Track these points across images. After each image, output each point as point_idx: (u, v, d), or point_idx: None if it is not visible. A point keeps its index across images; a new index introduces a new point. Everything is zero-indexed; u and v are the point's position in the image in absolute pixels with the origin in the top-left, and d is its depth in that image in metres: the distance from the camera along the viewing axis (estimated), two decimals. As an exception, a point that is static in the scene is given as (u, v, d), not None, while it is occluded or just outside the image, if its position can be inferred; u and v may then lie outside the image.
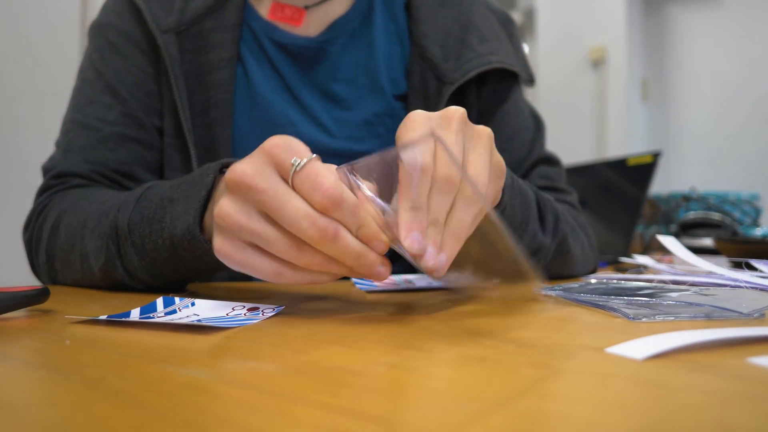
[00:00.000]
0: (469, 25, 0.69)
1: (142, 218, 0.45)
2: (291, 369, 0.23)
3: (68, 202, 0.55)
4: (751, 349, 0.25)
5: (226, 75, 0.63)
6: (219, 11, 0.64)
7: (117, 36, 0.64)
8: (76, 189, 0.58)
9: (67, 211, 0.53)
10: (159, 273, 0.46)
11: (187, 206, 0.42)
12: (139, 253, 0.45)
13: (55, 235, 0.53)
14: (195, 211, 0.41)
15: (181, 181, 0.44)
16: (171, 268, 0.45)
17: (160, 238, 0.43)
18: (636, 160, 1.11)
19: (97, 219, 0.49)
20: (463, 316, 0.36)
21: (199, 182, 0.42)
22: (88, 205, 0.52)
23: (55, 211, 0.55)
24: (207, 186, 0.41)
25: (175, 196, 0.43)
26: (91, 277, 0.50)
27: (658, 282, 0.49)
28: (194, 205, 0.41)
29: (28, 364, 0.25)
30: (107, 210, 0.48)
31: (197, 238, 0.41)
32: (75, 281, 0.52)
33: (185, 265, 0.44)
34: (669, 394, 0.20)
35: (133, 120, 0.62)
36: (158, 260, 0.44)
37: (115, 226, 0.46)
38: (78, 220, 0.51)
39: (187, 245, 0.42)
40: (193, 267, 0.44)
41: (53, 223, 0.54)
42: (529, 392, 0.20)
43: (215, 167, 0.42)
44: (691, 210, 1.35)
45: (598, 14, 2.71)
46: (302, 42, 0.67)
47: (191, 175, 0.44)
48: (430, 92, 0.66)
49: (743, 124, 2.65)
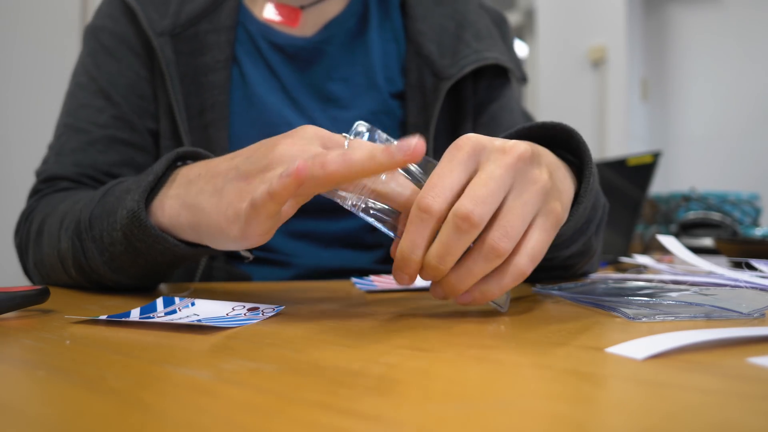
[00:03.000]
0: (465, 22, 0.69)
1: (102, 212, 0.43)
2: (291, 369, 0.23)
3: (51, 206, 0.54)
4: (751, 349, 0.25)
5: (222, 77, 0.63)
6: (214, 13, 0.64)
7: (111, 39, 0.64)
8: (61, 192, 0.58)
9: (49, 214, 0.53)
10: (119, 268, 0.44)
11: (135, 194, 0.40)
12: (99, 248, 0.44)
13: (40, 238, 0.53)
14: (139, 196, 0.39)
15: (144, 173, 0.43)
16: (129, 262, 0.43)
17: (114, 230, 0.42)
18: (636, 160, 1.10)
19: (70, 219, 0.48)
20: (462, 315, 0.36)
21: (151, 170, 0.41)
22: (64, 206, 0.51)
23: (39, 215, 0.55)
24: (156, 173, 0.40)
25: (131, 187, 0.42)
26: (71, 276, 0.49)
27: (658, 282, 0.49)
28: (140, 191, 0.40)
29: (27, 364, 0.25)
30: (77, 208, 0.48)
31: (144, 222, 0.39)
32: (64, 283, 0.52)
33: (143, 257, 0.42)
34: (669, 394, 0.20)
35: (125, 123, 0.62)
36: (116, 254, 0.43)
37: (78, 221, 0.45)
38: (56, 222, 0.50)
39: (137, 232, 0.40)
40: (151, 259, 0.42)
41: (38, 227, 0.54)
42: (529, 392, 0.20)
43: (171, 156, 0.42)
44: (691, 210, 1.35)
45: (598, 14, 2.71)
46: (298, 42, 0.67)
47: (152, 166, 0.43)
48: (428, 88, 0.66)
49: (743, 124, 2.65)
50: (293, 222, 0.66)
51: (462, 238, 0.31)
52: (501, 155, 0.32)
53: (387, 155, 0.29)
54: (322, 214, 0.66)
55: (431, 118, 0.65)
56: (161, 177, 0.41)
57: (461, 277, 0.32)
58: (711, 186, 1.88)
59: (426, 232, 0.31)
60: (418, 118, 0.67)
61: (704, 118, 2.78)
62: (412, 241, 0.32)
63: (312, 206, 0.68)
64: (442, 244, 0.31)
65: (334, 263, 0.67)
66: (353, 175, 0.30)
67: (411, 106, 0.67)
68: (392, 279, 0.54)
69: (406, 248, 0.32)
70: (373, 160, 0.29)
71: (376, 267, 0.69)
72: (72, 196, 0.54)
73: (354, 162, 0.30)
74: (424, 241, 0.32)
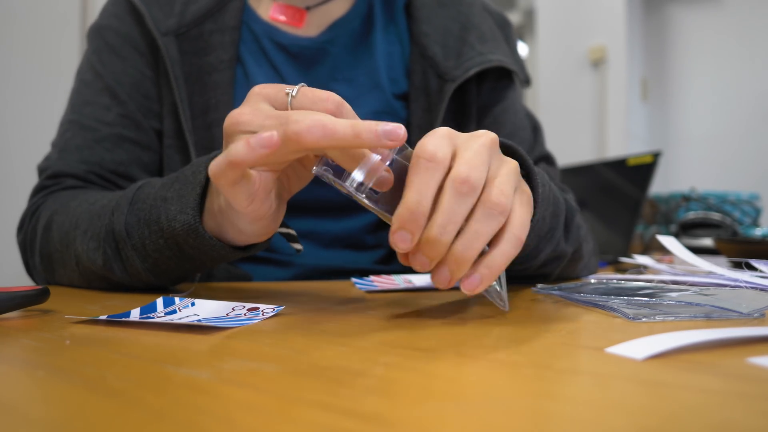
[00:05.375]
0: (469, 24, 0.69)
1: (138, 221, 0.44)
2: (291, 369, 0.23)
3: (60, 203, 0.55)
4: (751, 349, 0.25)
5: (226, 76, 0.63)
6: (219, 13, 0.64)
7: (116, 38, 0.65)
8: (70, 190, 0.58)
9: (58, 212, 0.53)
10: (162, 272, 0.46)
11: (182, 205, 0.42)
12: (141, 255, 0.45)
13: (48, 235, 0.53)
14: (193, 210, 0.41)
15: (173, 180, 0.44)
16: (175, 265, 0.45)
17: (161, 238, 0.43)
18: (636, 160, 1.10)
19: (89, 220, 0.49)
20: (462, 315, 0.36)
21: (192, 180, 0.42)
22: (78, 205, 0.52)
23: (47, 211, 0.55)
24: (201, 183, 0.41)
25: (168, 195, 0.43)
26: (87, 277, 0.50)
27: (658, 282, 0.49)
28: (190, 203, 0.41)
29: (28, 364, 0.25)
30: (99, 211, 0.48)
31: (202, 235, 0.41)
32: (71, 281, 0.52)
33: (191, 261, 0.44)
34: (669, 394, 0.20)
35: (131, 121, 0.63)
36: (161, 260, 0.44)
37: (112, 230, 0.46)
38: (69, 221, 0.51)
39: (192, 242, 0.42)
40: (199, 262, 0.44)
41: (45, 224, 0.54)
42: (529, 392, 0.20)
43: (205, 161, 0.42)
44: (691, 210, 1.35)
45: (598, 14, 2.71)
46: (303, 42, 0.67)
47: (183, 173, 0.44)
48: (432, 90, 0.66)
49: (743, 124, 2.65)
50: (293, 222, 0.66)
51: (463, 203, 0.31)
52: (475, 138, 0.33)
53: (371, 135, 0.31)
54: (323, 214, 0.66)
55: (435, 119, 0.65)
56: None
57: (469, 242, 0.31)
58: (711, 186, 1.88)
59: (432, 181, 0.31)
60: (422, 119, 0.67)
61: (704, 118, 2.78)
62: (419, 192, 0.30)
63: (312, 206, 0.69)
64: (443, 212, 0.30)
65: (334, 263, 0.67)
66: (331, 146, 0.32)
67: (415, 107, 0.67)
68: (392, 279, 0.54)
69: (412, 200, 0.30)
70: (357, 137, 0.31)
71: (376, 267, 0.69)
72: (83, 196, 0.54)
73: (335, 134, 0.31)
74: (431, 191, 0.31)
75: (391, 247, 0.35)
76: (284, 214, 0.42)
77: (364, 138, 0.31)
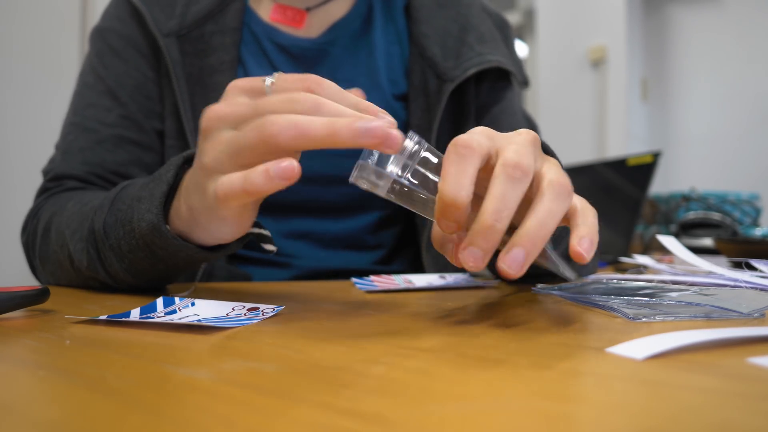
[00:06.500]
0: (468, 25, 0.69)
1: (116, 221, 0.44)
2: (291, 369, 0.23)
3: (59, 205, 0.55)
4: (751, 349, 0.25)
5: (227, 78, 0.63)
6: (220, 15, 0.65)
7: (118, 40, 0.65)
8: (70, 191, 0.58)
9: (56, 213, 0.53)
10: (139, 273, 0.45)
11: (150, 204, 0.41)
12: (118, 255, 0.44)
13: (47, 237, 0.53)
14: (156, 208, 0.40)
15: (151, 179, 0.44)
16: (150, 266, 0.44)
17: (133, 239, 0.42)
18: (636, 160, 1.11)
19: (79, 221, 0.48)
20: (463, 316, 0.36)
21: (162, 178, 0.42)
22: (73, 206, 0.51)
23: (47, 213, 0.55)
24: (168, 182, 0.41)
25: (143, 194, 0.43)
26: (80, 278, 0.50)
27: (658, 282, 0.49)
28: (155, 202, 0.41)
29: (28, 364, 0.25)
30: (87, 212, 0.48)
31: (164, 233, 0.40)
32: (69, 282, 0.52)
33: (163, 262, 0.43)
34: (669, 394, 0.20)
35: (132, 122, 0.63)
36: (136, 261, 0.44)
37: (93, 229, 0.46)
38: (64, 223, 0.51)
39: (159, 242, 0.41)
40: (171, 263, 0.43)
41: (45, 226, 0.54)
42: (529, 392, 0.20)
43: (177, 161, 0.42)
44: (691, 210, 1.35)
45: (597, 14, 2.71)
46: (303, 43, 0.67)
47: (159, 172, 0.43)
48: (431, 90, 0.67)
49: (743, 124, 2.65)
50: (294, 222, 0.66)
51: (516, 188, 0.29)
52: (518, 133, 0.32)
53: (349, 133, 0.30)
54: (323, 215, 0.66)
55: (434, 119, 0.66)
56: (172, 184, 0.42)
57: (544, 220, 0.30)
58: (711, 186, 1.88)
59: (470, 168, 0.29)
60: (421, 119, 0.67)
61: (704, 118, 2.78)
62: (456, 180, 0.29)
63: (312, 207, 0.69)
64: (496, 198, 0.29)
65: (334, 264, 0.67)
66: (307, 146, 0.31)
67: (414, 107, 0.68)
68: (392, 279, 0.54)
69: (450, 189, 0.29)
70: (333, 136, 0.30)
71: (376, 268, 0.69)
72: (80, 196, 0.54)
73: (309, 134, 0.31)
74: (469, 178, 0.29)
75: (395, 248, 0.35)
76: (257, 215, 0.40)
77: (342, 136, 0.30)
